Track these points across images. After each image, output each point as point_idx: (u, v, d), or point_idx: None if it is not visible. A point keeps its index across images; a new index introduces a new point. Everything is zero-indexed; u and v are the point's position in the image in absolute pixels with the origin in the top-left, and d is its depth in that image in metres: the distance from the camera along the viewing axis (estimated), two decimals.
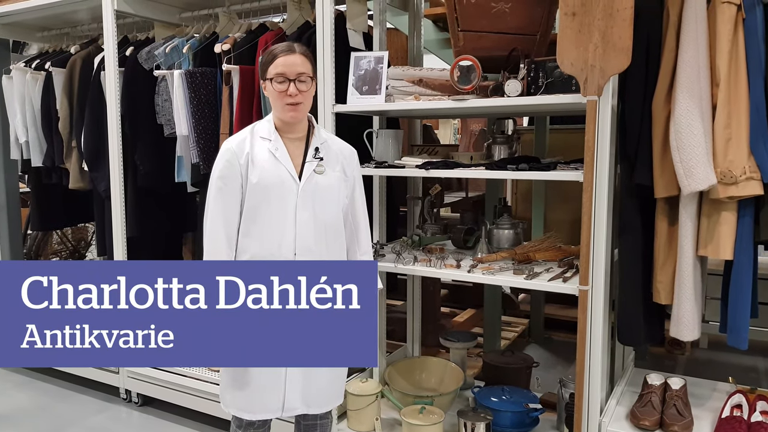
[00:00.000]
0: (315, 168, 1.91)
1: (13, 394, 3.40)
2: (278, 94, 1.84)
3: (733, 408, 2.16)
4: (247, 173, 1.86)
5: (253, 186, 1.85)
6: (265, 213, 1.86)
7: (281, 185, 1.86)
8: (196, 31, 3.14)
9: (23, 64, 3.70)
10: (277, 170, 1.87)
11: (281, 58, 1.84)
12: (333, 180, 1.94)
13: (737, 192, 1.89)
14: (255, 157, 1.86)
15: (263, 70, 1.88)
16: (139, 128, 3.13)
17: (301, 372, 1.92)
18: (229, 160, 1.86)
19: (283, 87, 1.83)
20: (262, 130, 1.92)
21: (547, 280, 2.12)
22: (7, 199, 3.95)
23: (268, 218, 1.86)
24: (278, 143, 1.89)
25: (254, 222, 1.87)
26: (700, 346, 3.87)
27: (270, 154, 1.88)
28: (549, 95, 2.06)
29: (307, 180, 1.89)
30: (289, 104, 1.85)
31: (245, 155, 1.86)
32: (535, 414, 2.47)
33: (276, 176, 1.86)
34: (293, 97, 1.84)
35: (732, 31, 1.88)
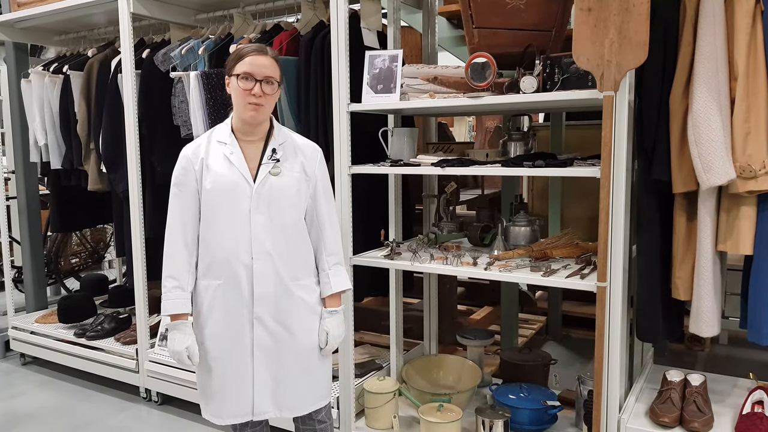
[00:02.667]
0: (270, 170, 1.86)
1: (36, 393, 3.45)
2: (242, 92, 1.81)
3: (754, 404, 2.13)
4: (202, 179, 1.86)
5: (208, 191, 1.85)
6: (220, 218, 1.85)
7: (235, 189, 1.84)
8: (212, 33, 3.17)
9: (41, 67, 3.75)
10: (231, 174, 1.84)
11: (251, 57, 1.81)
12: (290, 180, 1.89)
13: (756, 186, 1.87)
14: (210, 163, 1.85)
15: (230, 66, 1.84)
16: (156, 129, 3.16)
17: (270, 375, 1.89)
18: (184, 166, 1.87)
19: (249, 85, 1.80)
20: (219, 134, 1.89)
21: (564, 277, 2.11)
22: (27, 202, 4.02)
23: (223, 223, 1.85)
24: (234, 147, 1.86)
25: (211, 227, 1.86)
26: (720, 342, 3.83)
27: (225, 158, 1.85)
28: (565, 91, 2.05)
29: (262, 182, 1.85)
30: (252, 104, 1.81)
31: (200, 161, 1.86)
32: (554, 411, 2.46)
33: (229, 181, 1.84)
34: (257, 98, 1.81)
35: (750, 24, 1.86)
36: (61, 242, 4.83)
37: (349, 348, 2.57)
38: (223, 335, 1.87)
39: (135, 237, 3.19)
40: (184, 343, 1.84)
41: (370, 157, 2.60)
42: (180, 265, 1.86)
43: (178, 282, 1.85)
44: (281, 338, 1.89)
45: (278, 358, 1.90)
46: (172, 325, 1.86)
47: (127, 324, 3.61)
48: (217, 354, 1.88)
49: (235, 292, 1.86)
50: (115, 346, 3.38)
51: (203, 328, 1.89)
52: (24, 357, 3.89)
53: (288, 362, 1.91)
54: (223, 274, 1.86)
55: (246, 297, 1.86)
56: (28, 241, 4.05)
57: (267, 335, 1.88)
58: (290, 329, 1.90)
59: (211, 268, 1.87)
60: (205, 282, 1.88)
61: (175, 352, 1.85)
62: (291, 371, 1.91)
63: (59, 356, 3.61)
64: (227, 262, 1.85)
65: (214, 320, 1.88)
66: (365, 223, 2.72)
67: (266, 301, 1.87)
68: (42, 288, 4.20)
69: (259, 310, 1.86)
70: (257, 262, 1.85)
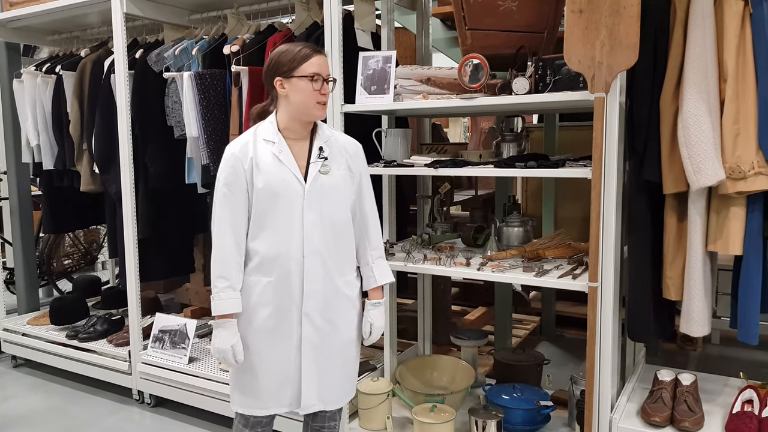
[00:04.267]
0: (320, 168, 1.89)
1: (28, 396, 3.43)
2: (311, 92, 1.83)
3: (744, 403, 2.15)
4: (252, 178, 1.84)
5: (259, 191, 1.84)
6: (272, 217, 1.85)
7: (287, 188, 1.85)
8: (205, 33, 3.17)
9: (34, 67, 3.74)
10: (282, 173, 1.86)
11: (316, 57, 1.84)
12: (338, 179, 1.92)
13: (746, 187, 1.89)
14: (259, 161, 1.85)
15: (290, 67, 1.82)
16: (150, 130, 3.16)
17: (317, 370, 1.93)
18: (233, 165, 1.84)
19: (318, 86, 1.83)
20: (265, 133, 1.89)
21: (556, 278, 2.13)
22: (19, 202, 4.00)
23: (275, 222, 1.86)
24: (282, 145, 1.87)
25: (262, 226, 1.86)
26: (712, 342, 3.85)
27: (274, 157, 1.85)
28: (557, 92, 2.07)
29: (313, 181, 1.88)
30: (320, 103, 1.85)
31: (249, 160, 1.84)
32: (547, 411, 2.47)
33: (281, 180, 1.85)
34: (326, 96, 1.86)
35: (739, 26, 1.88)
36: (54, 243, 4.81)
37: None
38: (271, 331, 1.88)
39: (128, 238, 3.18)
40: (230, 341, 1.83)
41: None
42: (231, 265, 1.85)
43: (229, 282, 1.84)
44: (326, 333, 1.94)
45: (323, 353, 1.94)
46: (218, 323, 1.85)
47: (120, 326, 3.59)
48: (261, 349, 1.88)
49: (285, 289, 1.87)
50: (108, 348, 3.37)
51: (250, 323, 1.88)
52: (16, 359, 3.86)
53: (332, 357, 1.96)
54: (273, 271, 1.87)
55: (296, 294, 1.88)
56: (20, 243, 4.03)
57: (314, 331, 1.91)
58: (335, 324, 1.95)
59: (262, 266, 1.87)
60: (254, 278, 1.88)
61: (221, 350, 1.83)
62: (334, 365, 1.96)
63: (51, 358, 3.60)
64: (279, 259, 1.86)
65: (261, 316, 1.88)
66: None
67: (315, 298, 1.90)
68: (34, 289, 4.17)
69: (308, 307, 1.89)
70: (308, 259, 1.88)
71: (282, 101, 1.88)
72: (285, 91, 1.85)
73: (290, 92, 1.85)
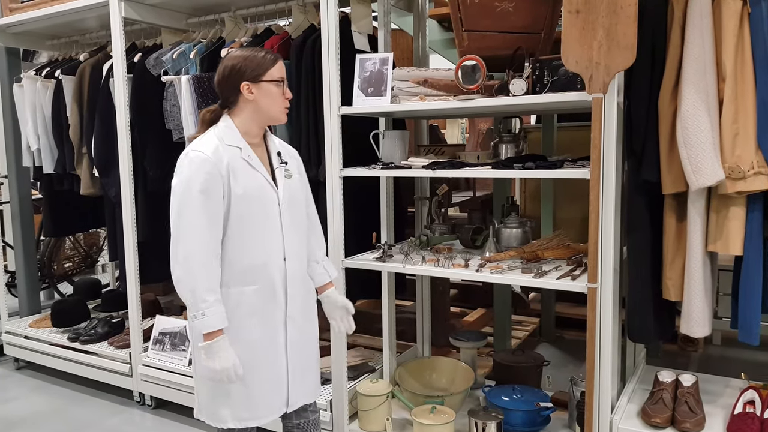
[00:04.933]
0: (285, 173, 1.92)
1: (30, 398, 3.44)
2: (280, 96, 1.85)
3: (745, 404, 2.14)
4: (230, 184, 1.78)
5: (239, 197, 1.78)
6: (251, 223, 1.82)
7: (263, 194, 1.84)
8: (203, 37, 3.17)
9: (33, 72, 3.75)
10: (256, 179, 1.83)
11: (280, 63, 1.86)
12: (298, 183, 1.97)
13: (745, 187, 1.88)
14: (234, 167, 1.79)
15: (260, 71, 1.81)
16: (148, 134, 3.16)
17: (300, 368, 1.96)
18: (209, 171, 1.74)
19: (283, 89, 1.86)
20: (228, 137, 1.82)
21: (555, 279, 2.12)
22: (20, 206, 4.01)
23: (255, 229, 1.82)
24: (249, 150, 1.84)
25: (241, 234, 1.81)
26: (713, 343, 3.84)
27: (245, 163, 1.82)
28: (554, 93, 2.06)
29: (284, 186, 1.90)
30: (286, 107, 1.88)
31: (225, 165, 1.77)
32: (546, 413, 2.46)
33: (257, 186, 1.83)
34: (288, 101, 1.89)
35: (737, 25, 1.87)
36: (54, 246, 4.82)
37: (342, 351, 2.57)
38: (258, 338, 1.86)
39: (128, 241, 3.18)
40: (231, 359, 1.75)
41: (361, 160, 2.61)
42: (216, 277, 1.76)
43: (217, 295, 1.75)
44: (305, 331, 1.98)
45: (304, 351, 1.98)
46: (213, 344, 1.73)
47: (121, 328, 3.60)
48: (251, 358, 1.84)
49: (269, 295, 1.86)
50: (109, 350, 3.37)
51: (236, 334, 1.81)
52: (17, 361, 3.87)
53: (310, 353, 2.01)
54: (259, 278, 1.84)
55: (280, 298, 1.89)
56: (21, 246, 4.03)
57: (297, 331, 1.94)
58: (312, 321, 2.02)
59: (244, 275, 1.82)
60: (237, 289, 1.82)
61: (225, 369, 1.73)
62: (312, 359, 2.02)
63: (53, 360, 3.60)
64: (262, 266, 1.84)
65: (249, 325, 1.84)
66: (357, 226, 2.72)
67: (296, 299, 1.93)
68: (35, 292, 4.18)
69: (292, 310, 1.91)
70: (289, 262, 1.89)
71: (247, 106, 1.84)
72: (253, 96, 1.82)
73: (259, 96, 1.83)
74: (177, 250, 1.75)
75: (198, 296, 1.72)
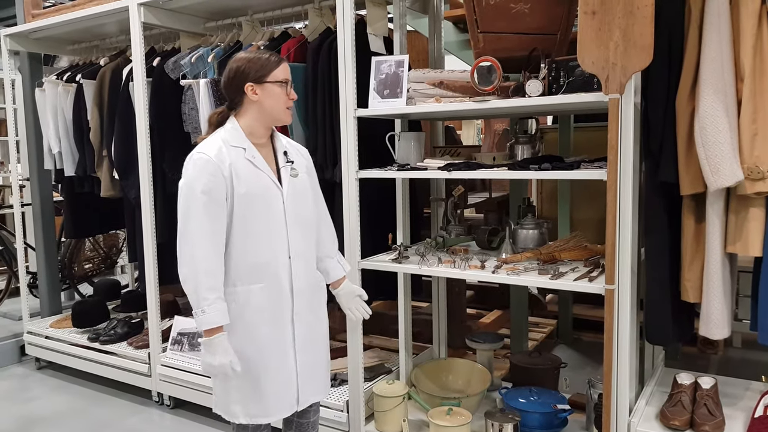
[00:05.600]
0: (290, 172, 1.95)
1: (51, 397, 3.49)
2: (283, 96, 1.88)
3: (766, 407, 2.11)
4: (233, 185, 1.81)
5: (241, 197, 1.82)
6: (256, 223, 1.85)
7: (267, 193, 1.87)
8: (221, 40, 3.20)
9: (55, 76, 3.81)
10: (260, 179, 1.86)
11: (284, 64, 1.90)
12: (304, 181, 1.99)
13: (765, 188, 1.86)
14: (237, 168, 1.82)
15: (263, 73, 1.84)
16: (167, 136, 3.20)
17: (310, 365, 1.98)
18: (212, 172, 1.78)
19: (288, 90, 1.89)
20: (232, 139, 1.86)
21: (572, 280, 2.11)
22: (41, 208, 4.07)
23: (259, 227, 1.85)
24: (253, 151, 1.87)
25: (245, 233, 1.84)
26: (733, 345, 3.79)
27: (248, 163, 1.85)
28: (570, 94, 2.05)
29: (289, 185, 1.92)
30: (288, 108, 1.92)
31: (228, 166, 1.80)
32: (564, 415, 2.45)
33: (261, 185, 1.86)
34: (291, 101, 1.92)
35: (756, 25, 1.85)
36: (75, 248, 4.88)
37: (359, 352, 2.58)
38: (267, 335, 1.89)
39: (147, 242, 3.22)
40: (228, 356, 1.79)
41: (377, 162, 2.62)
42: (219, 275, 1.80)
43: (219, 293, 1.79)
44: (314, 328, 2.01)
45: (313, 348, 2.00)
46: (212, 340, 1.78)
47: (140, 328, 3.64)
48: (261, 355, 1.88)
49: (277, 293, 1.90)
50: (128, 351, 3.42)
51: (246, 333, 1.86)
52: (39, 361, 3.94)
53: (319, 349, 2.04)
54: (264, 276, 1.87)
55: (287, 295, 1.91)
56: (43, 247, 4.10)
57: (304, 328, 1.96)
58: (320, 318, 2.05)
59: (250, 273, 1.86)
60: (243, 287, 1.86)
61: (222, 364, 1.78)
62: (321, 357, 2.05)
63: (73, 360, 3.66)
64: (268, 264, 1.87)
65: (258, 323, 1.87)
66: (373, 227, 2.73)
67: (303, 296, 1.95)
68: (56, 293, 4.25)
69: (298, 306, 1.94)
70: (294, 260, 1.92)
71: (251, 107, 1.88)
72: (257, 96, 1.86)
73: (263, 97, 1.86)
74: (182, 249, 1.80)
75: (200, 294, 1.77)
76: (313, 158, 2.72)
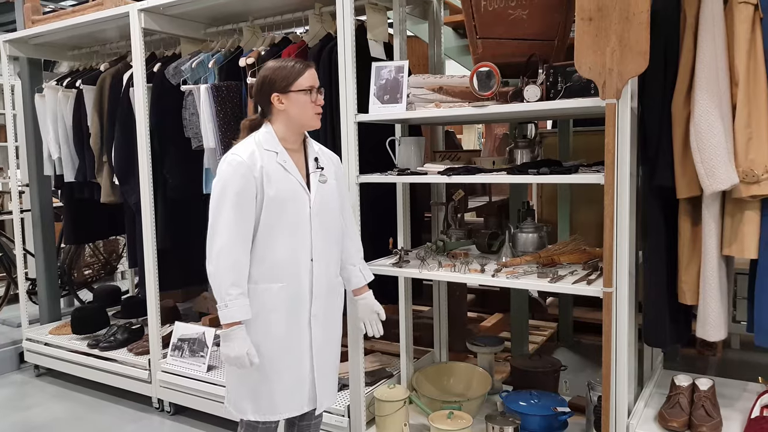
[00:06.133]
0: (319, 178, 1.99)
1: (50, 404, 3.49)
2: (309, 104, 1.92)
3: (762, 408, 2.13)
4: (263, 186, 1.87)
5: (271, 199, 1.88)
6: (281, 224, 1.90)
7: (296, 197, 1.92)
8: (221, 46, 3.22)
9: (55, 82, 3.82)
10: (289, 182, 1.92)
11: (308, 71, 1.93)
12: (333, 187, 2.04)
13: (760, 191, 1.89)
14: (268, 170, 1.88)
15: (288, 82, 1.90)
16: (168, 142, 3.22)
17: (327, 368, 2.02)
18: (243, 174, 1.85)
19: (314, 97, 1.93)
20: (266, 143, 1.93)
21: (571, 283, 2.13)
22: (41, 214, 4.07)
23: (284, 229, 1.91)
24: (285, 155, 1.93)
25: (271, 234, 1.90)
26: (732, 347, 3.81)
27: (279, 167, 1.91)
28: (568, 99, 2.08)
29: (317, 190, 1.97)
30: (318, 114, 1.95)
31: (259, 168, 1.87)
32: (564, 417, 2.46)
33: (290, 189, 1.91)
34: (320, 107, 1.96)
35: (749, 30, 1.88)
36: (75, 254, 4.88)
37: (360, 356, 2.60)
38: (283, 334, 1.93)
39: (147, 248, 3.23)
40: (245, 347, 1.85)
41: (378, 167, 2.64)
42: (243, 272, 1.87)
43: (242, 289, 1.86)
44: (330, 331, 2.04)
45: (329, 351, 2.04)
46: (228, 332, 1.85)
47: (140, 335, 3.64)
48: (275, 354, 1.93)
49: (296, 293, 1.94)
50: (128, 357, 3.42)
51: (262, 330, 1.92)
52: (38, 368, 3.93)
53: (333, 353, 2.08)
54: (285, 276, 1.92)
55: (305, 297, 1.96)
56: (42, 254, 4.10)
57: (321, 331, 2.00)
58: (336, 322, 2.09)
59: (273, 272, 1.91)
60: (264, 285, 1.91)
61: (238, 356, 1.84)
62: (334, 361, 2.09)
63: (73, 367, 3.66)
64: (290, 265, 1.92)
65: (274, 321, 1.92)
66: (374, 232, 2.74)
67: (321, 299, 1.99)
68: (55, 300, 4.24)
69: (316, 309, 1.98)
70: (316, 263, 1.96)
71: (279, 115, 1.94)
72: (283, 105, 1.92)
73: (289, 106, 1.92)
74: (212, 246, 1.87)
75: (223, 289, 1.84)
76: None
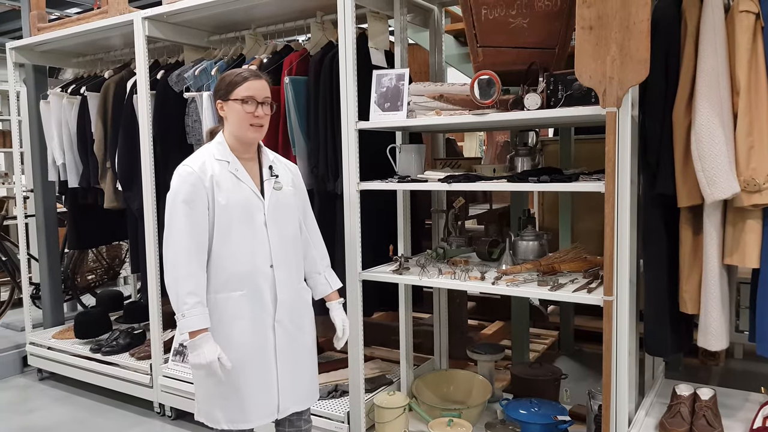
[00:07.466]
0: (273, 185, 2.00)
1: (53, 408, 3.50)
2: (245, 114, 1.92)
3: (765, 419, 2.12)
4: (214, 195, 1.89)
5: (222, 207, 1.89)
6: (236, 233, 1.91)
7: (249, 204, 1.93)
8: (224, 54, 3.24)
9: (59, 89, 3.85)
10: (242, 190, 1.93)
11: (251, 82, 1.93)
12: (289, 195, 2.05)
13: (761, 200, 1.88)
14: (219, 179, 1.90)
15: (227, 91, 1.93)
16: (171, 148, 3.23)
17: (290, 374, 2.01)
18: (193, 183, 1.87)
19: (252, 108, 1.92)
20: (218, 153, 1.95)
21: (571, 292, 2.13)
22: (45, 219, 4.10)
23: (240, 237, 1.91)
24: (237, 164, 1.95)
25: (227, 242, 1.90)
26: (734, 357, 3.79)
27: (231, 176, 1.93)
28: (568, 108, 2.08)
29: (270, 196, 1.98)
30: (254, 125, 1.94)
31: (209, 177, 1.89)
32: (564, 426, 2.46)
33: (242, 196, 1.93)
34: (260, 119, 1.94)
35: (751, 39, 1.88)
36: (78, 259, 4.90)
37: (360, 363, 2.59)
38: (248, 342, 1.94)
39: (149, 253, 3.25)
40: (215, 353, 1.85)
41: (378, 174, 2.64)
42: (199, 281, 1.87)
43: (199, 298, 1.86)
44: (296, 338, 2.04)
45: (294, 357, 2.03)
46: (195, 341, 1.85)
47: (142, 339, 3.65)
48: (240, 361, 1.92)
49: (257, 300, 1.94)
50: (130, 362, 3.43)
51: (226, 338, 1.91)
52: (41, 372, 3.94)
53: (301, 359, 2.06)
54: (244, 285, 1.92)
55: (268, 304, 1.96)
56: (46, 258, 4.12)
57: (286, 337, 2.00)
58: (302, 328, 2.07)
59: (231, 281, 1.92)
60: (224, 295, 1.92)
61: (209, 363, 1.84)
62: (303, 367, 2.07)
63: (75, 371, 3.67)
64: (249, 273, 1.93)
65: (238, 329, 1.92)
66: (374, 239, 2.75)
67: (285, 306, 1.99)
68: (59, 304, 4.26)
69: (280, 315, 1.98)
70: (278, 270, 1.97)
71: (226, 124, 1.98)
72: (224, 113, 1.96)
73: (228, 114, 1.95)
74: (166, 256, 1.88)
75: (180, 299, 1.85)
76: (314, 170, 2.78)
